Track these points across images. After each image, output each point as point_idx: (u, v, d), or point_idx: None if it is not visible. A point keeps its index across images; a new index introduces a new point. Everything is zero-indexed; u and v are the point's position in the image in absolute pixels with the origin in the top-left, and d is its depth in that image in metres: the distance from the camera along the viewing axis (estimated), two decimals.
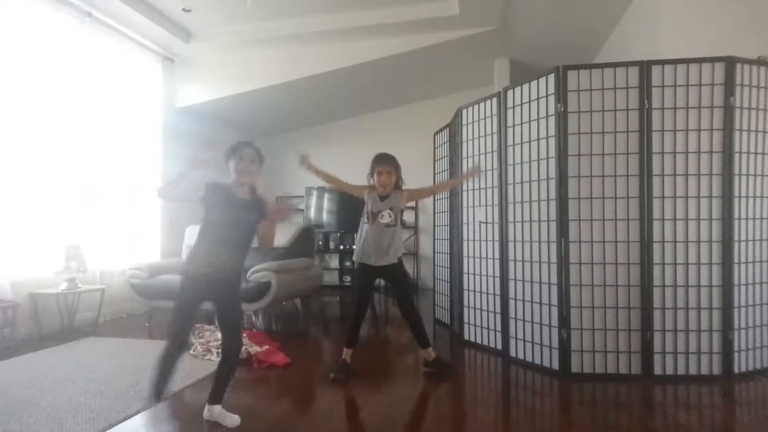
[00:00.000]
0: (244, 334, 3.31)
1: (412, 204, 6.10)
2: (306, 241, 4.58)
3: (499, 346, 3.10)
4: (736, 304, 2.58)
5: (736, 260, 2.58)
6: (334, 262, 6.88)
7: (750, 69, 2.60)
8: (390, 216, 2.62)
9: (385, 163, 2.66)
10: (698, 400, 2.33)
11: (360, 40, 4.89)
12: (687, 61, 2.58)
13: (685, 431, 1.95)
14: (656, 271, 2.59)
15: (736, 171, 2.57)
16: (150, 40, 4.87)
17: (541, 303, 2.79)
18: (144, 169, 4.86)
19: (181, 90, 5.39)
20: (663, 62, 2.60)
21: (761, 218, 2.67)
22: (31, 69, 3.70)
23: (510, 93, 3.02)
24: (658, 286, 2.58)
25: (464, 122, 3.44)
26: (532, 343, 2.84)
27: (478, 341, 3.30)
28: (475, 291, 3.35)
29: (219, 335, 3.26)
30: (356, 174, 3.10)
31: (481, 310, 3.29)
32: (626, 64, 2.63)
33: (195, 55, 5.23)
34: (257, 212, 2.02)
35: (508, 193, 3.03)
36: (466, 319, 3.42)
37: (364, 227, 2.67)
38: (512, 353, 2.98)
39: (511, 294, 3.00)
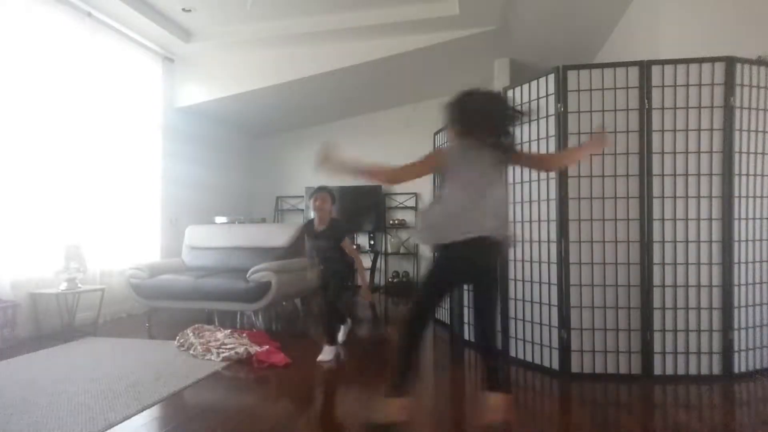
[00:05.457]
0: (244, 334, 3.33)
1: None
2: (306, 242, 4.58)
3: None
4: (736, 304, 2.58)
5: (736, 260, 2.57)
6: None
7: (750, 69, 2.60)
8: None
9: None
10: (698, 400, 2.32)
11: (360, 40, 4.89)
12: (687, 61, 2.57)
13: (685, 431, 1.95)
14: (656, 271, 2.58)
15: (736, 171, 2.57)
16: (150, 40, 4.87)
17: (541, 303, 2.79)
18: (144, 169, 4.86)
19: (181, 90, 5.38)
20: (663, 62, 2.60)
21: (761, 218, 2.66)
22: (31, 69, 3.70)
23: (510, 93, 3.02)
24: (658, 286, 2.58)
25: None
26: (532, 343, 2.84)
27: None
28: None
29: (219, 335, 3.27)
30: None
31: None
32: (626, 64, 2.63)
33: (195, 55, 5.22)
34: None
35: (507, 193, 3.03)
36: (465, 319, 3.42)
37: None
38: (512, 353, 2.98)
39: (511, 294, 3.00)
